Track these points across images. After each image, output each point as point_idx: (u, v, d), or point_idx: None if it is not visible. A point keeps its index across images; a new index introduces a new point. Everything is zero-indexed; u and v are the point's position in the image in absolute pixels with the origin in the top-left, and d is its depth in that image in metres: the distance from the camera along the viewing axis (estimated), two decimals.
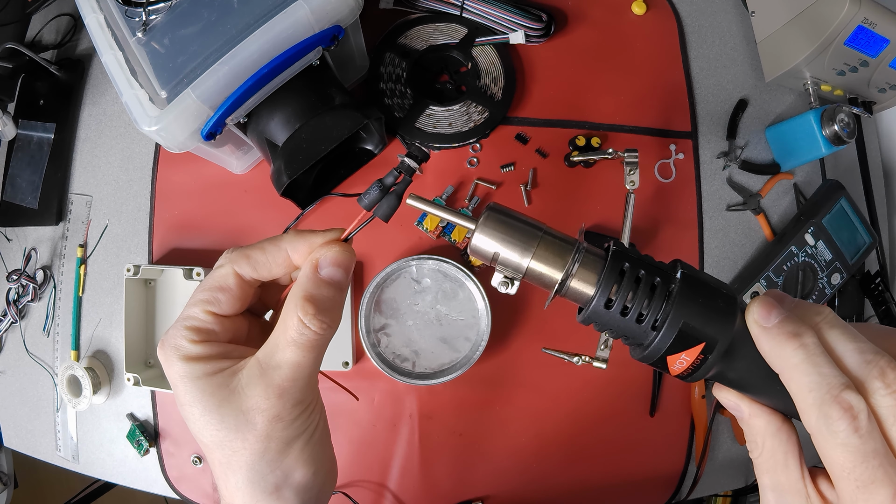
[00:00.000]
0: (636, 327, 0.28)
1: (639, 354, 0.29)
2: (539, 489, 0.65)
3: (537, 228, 0.29)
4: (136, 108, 0.49)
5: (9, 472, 0.77)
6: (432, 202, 0.30)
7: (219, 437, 0.29)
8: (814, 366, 0.24)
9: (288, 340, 0.29)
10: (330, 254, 0.30)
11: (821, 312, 0.26)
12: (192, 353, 0.29)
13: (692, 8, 0.72)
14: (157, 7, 0.50)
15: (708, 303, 0.27)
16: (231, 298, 0.30)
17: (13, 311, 0.67)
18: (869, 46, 0.62)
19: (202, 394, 0.28)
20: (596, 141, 0.66)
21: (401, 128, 0.64)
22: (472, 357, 0.60)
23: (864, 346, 0.25)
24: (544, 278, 0.29)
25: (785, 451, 0.27)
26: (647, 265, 0.28)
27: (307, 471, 0.30)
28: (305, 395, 0.29)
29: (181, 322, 0.30)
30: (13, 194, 0.69)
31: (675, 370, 0.28)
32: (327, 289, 0.29)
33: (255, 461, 0.29)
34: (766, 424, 0.28)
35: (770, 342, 0.26)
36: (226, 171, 0.65)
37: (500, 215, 0.29)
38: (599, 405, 0.65)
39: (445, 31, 0.67)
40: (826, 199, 0.67)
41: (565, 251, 0.29)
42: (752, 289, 0.65)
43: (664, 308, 0.27)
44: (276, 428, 0.29)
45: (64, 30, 0.72)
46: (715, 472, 0.67)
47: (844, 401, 0.23)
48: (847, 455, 0.23)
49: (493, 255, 0.29)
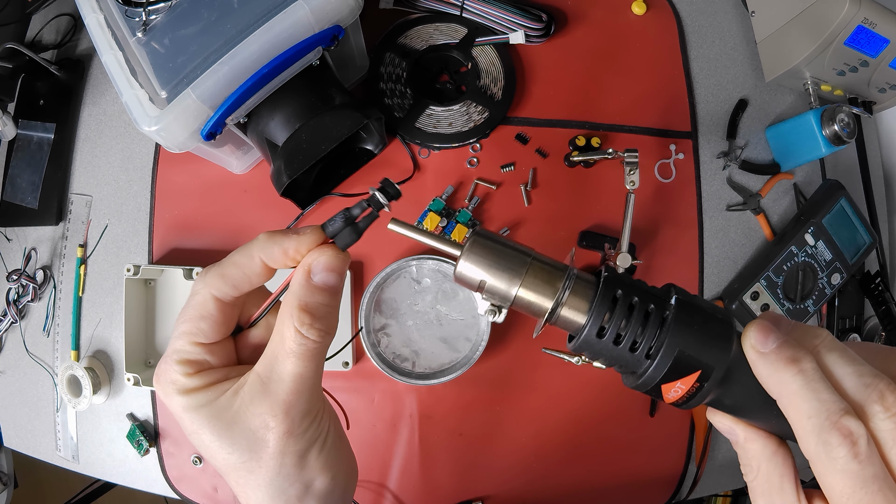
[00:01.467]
0: (629, 356, 0.27)
1: (632, 383, 0.28)
2: (539, 489, 0.65)
3: (526, 254, 0.28)
4: (136, 108, 0.49)
5: (9, 472, 0.77)
6: (415, 227, 0.29)
7: (232, 461, 0.28)
8: (812, 392, 0.24)
9: (287, 352, 0.28)
10: (322, 259, 0.29)
11: (819, 335, 0.26)
12: (188, 386, 0.28)
13: (692, 8, 0.72)
14: (157, 7, 0.50)
15: (704, 329, 0.26)
16: (214, 324, 0.29)
17: (13, 311, 0.67)
18: (869, 46, 0.62)
19: (207, 421, 0.28)
20: (596, 141, 0.66)
21: (401, 128, 0.64)
22: (472, 357, 0.60)
23: (862, 370, 0.24)
24: (533, 307, 0.28)
25: (781, 475, 0.27)
26: (641, 291, 0.27)
27: (326, 477, 0.30)
28: (312, 405, 0.29)
29: (171, 357, 0.29)
30: (13, 194, 0.69)
31: (670, 398, 0.27)
32: (322, 295, 0.28)
33: (272, 478, 0.28)
34: (762, 448, 0.27)
35: (767, 368, 0.25)
36: (226, 171, 0.65)
37: (486, 241, 0.28)
38: (599, 405, 0.65)
39: (445, 31, 0.67)
40: (826, 199, 0.67)
41: (555, 278, 0.28)
42: (752, 289, 0.65)
43: (658, 336, 0.26)
44: (289, 443, 0.28)
45: (64, 30, 0.72)
46: (715, 472, 0.67)
47: (844, 427, 0.23)
48: (847, 481, 0.23)
49: (480, 282, 0.28)
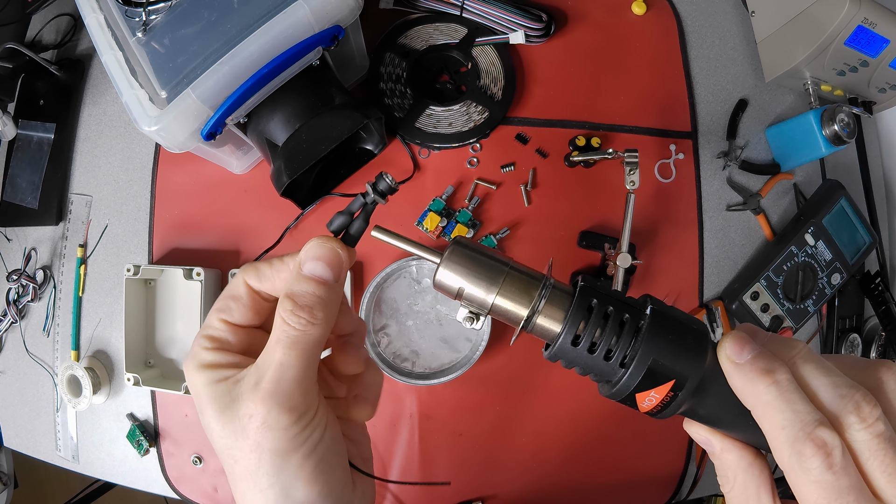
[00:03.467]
0: (604, 364, 0.27)
1: (607, 391, 0.28)
2: (539, 489, 0.65)
3: (503, 264, 0.29)
4: (136, 108, 0.49)
5: (9, 472, 0.77)
6: (397, 235, 0.30)
7: (223, 445, 0.28)
8: (787, 402, 0.24)
9: (273, 340, 0.28)
10: (310, 248, 0.29)
11: (795, 347, 0.26)
12: (205, 360, 0.29)
13: (692, 8, 0.72)
14: (157, 7, 0.50)
15: (678, 340, 0.26)
16: (242, 307, 0.31)
17: (13, 311, 0.67)
18: (869, 46, 0.62)
19: (209, 400, 0.28)
20: (596, 141, 0.66)
21: (401, 128, 0.64)
22: (472, 357, 0.60)
23: (838, 381, 0.24)
24: (510, 314, 0.29)
25: (757, 486, 0.27)
26: (616, 301, 0.28)
27: (310, 490, 0.28)
28: (296, 402, 0.27)
29: (201, 332, 0.31)
30: (13, 194, 0.69)
31: (644, 407, 0.27)
32: (307, 284, 0.29)
33: (252, 472, 0.28)
34: (738, 459, 0.27)
35: (742, 379, 0.25)
36: (226, 171, 0.65)
37: (465, 250, 0.29)
38: (599, 405, 0.65)
39: (445, 31, 0.67)
40: (826, 199, 0.67)
41: (532, 287, 0.28)
42: (752, 289, 0.65)
43: (633, 345, 0.27)
44: (266, 437, 0.27)
45: (64, 30, 0.72)
46: (715, 472, 0.67)
47: (818, 437, 0.23)
48: (821, 492, 0.23)
49: (458, 290, 0.29)
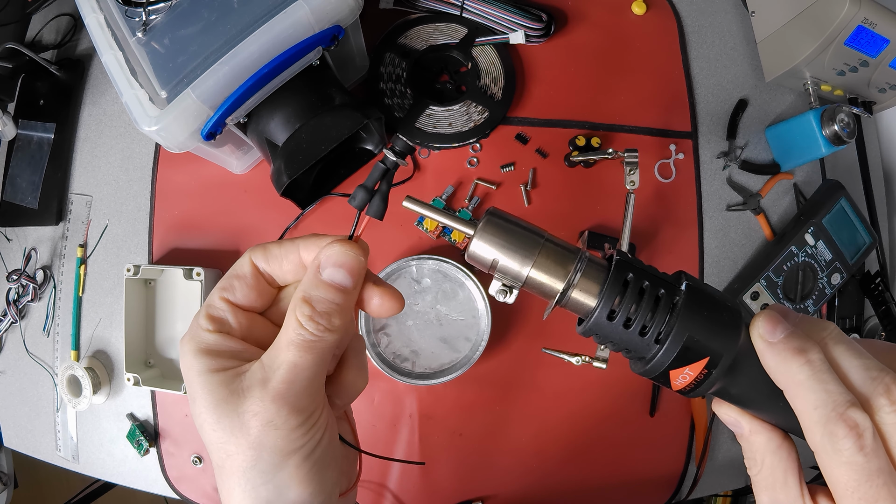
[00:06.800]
0: (639, 340, 0.27)
1: (640, 368, 0.28)
2: (539, 489, 0.65)
3: (539, 235, 0.28)
4: (136, 108, 0.49)
5: (9, 472, 0.77)
6: (429, 205, 0.29)
7: (215, 438, 0.28)
8: (819, 382, 0.24)
9: (286, 341, 0.28)
10: (332, 254, 0.28)
11: (826, 328, 0.26)
12: (204, 343, 0.28)
13: (692, 8, 0.72)
14: (157, 7, 0.50)
15: (713, 316, 0.26)
16: (245, 287, 0.30)
17: (13, 311, 0.67)
18: (869, 46, 0.62)
19: (204, 390, 0.28)
20: (596, 141, 0.66)
21: (401, 128, 0.64)
22: (472, 357, 0.60)
23: (869, 363, 0.25)
24: (545, 288, 0.28)
25: (785, 469, 0.27)
26: (651, 276, 0.27)
27: (303, 491, 0.28)
28: (304, 403, 0.28)
29: (202, 310, 0.30)
30: (13, 194, 0.69)
31: (678, 385, 0.27)
32: (326, 291, 0.28)
33: (246, 469, 0.27)
34: (767, 441, 0.27)
35: (775, 358, 0.25)
36: (226, 171, 0.65)
37: (500, 220, 0.28)
38: (599, 405, 0.65)
39: (445, 31, 0.67)
40: (826, 199, 0.67)
41: (567, 260, 0.28)
42: (752, 289, 0.65)
43: (668, 321, 0.26)
44: (270, 436, 0.27)
45: (64, 30, 0.72)
46: (715, 472, 0.67)
47: (850, 418, 0.23)
48: (851, 473, 0.23)
49: (493, 262, 0.28)
